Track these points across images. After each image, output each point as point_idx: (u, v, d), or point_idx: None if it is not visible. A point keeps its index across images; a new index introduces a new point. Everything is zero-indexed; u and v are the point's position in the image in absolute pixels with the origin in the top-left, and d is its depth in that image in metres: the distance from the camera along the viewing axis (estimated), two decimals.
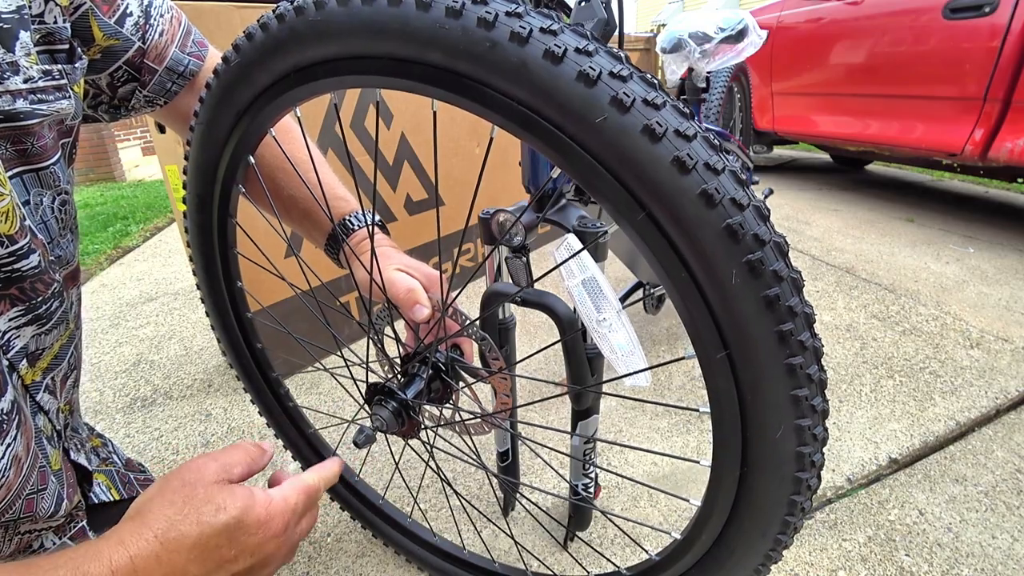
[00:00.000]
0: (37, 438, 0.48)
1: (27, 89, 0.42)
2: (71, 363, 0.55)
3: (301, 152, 0.62)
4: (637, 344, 0.47)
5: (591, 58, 0.32)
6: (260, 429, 1.25)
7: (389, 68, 0.37)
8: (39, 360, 0.49)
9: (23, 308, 0.45)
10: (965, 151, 2.20)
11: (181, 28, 0.60)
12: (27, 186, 0.45)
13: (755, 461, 0.38)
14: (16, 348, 0.45)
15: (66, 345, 0.53)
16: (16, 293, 0.44)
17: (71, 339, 0.54)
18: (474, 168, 1.82)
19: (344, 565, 0.90)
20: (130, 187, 4.39)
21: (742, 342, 0.33)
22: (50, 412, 0.51)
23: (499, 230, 0.67)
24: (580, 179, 0.34)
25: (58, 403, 0.53)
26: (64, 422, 0.55)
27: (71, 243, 0.53)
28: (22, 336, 0.46)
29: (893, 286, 1.85)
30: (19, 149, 0.43)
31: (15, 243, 0.42)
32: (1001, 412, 1.22)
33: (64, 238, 0.51)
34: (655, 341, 1.58)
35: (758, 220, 0.32)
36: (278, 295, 1.35)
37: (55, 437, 0.52)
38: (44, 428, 0.50)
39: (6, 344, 0.44)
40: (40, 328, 0.48)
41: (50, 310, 0.48)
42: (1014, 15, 1.97)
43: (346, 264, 0.62)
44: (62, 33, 0.46)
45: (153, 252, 2.66)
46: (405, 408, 0.55)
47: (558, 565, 0.88)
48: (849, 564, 0.87)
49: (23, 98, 0.41)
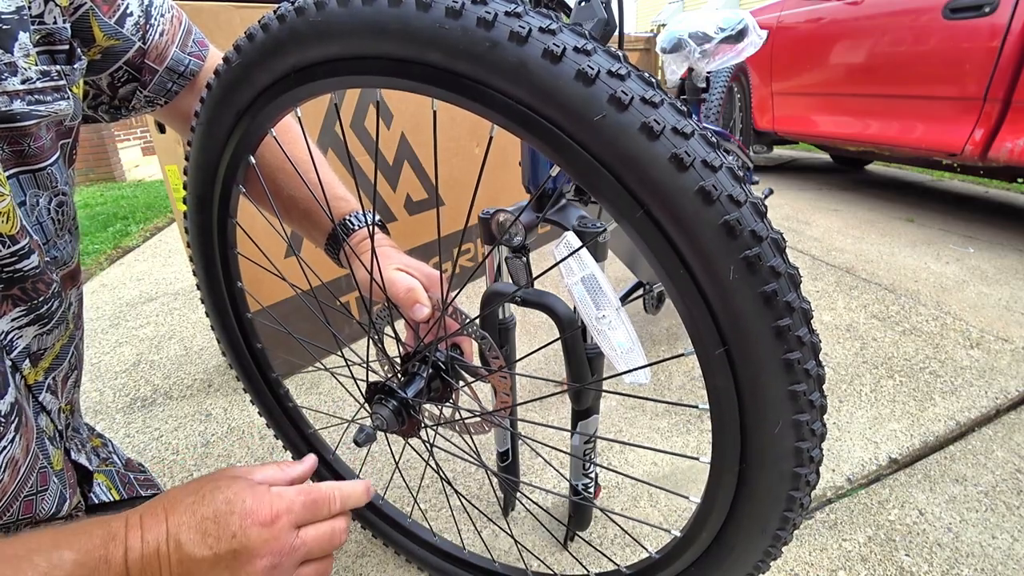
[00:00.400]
0: (39, 439, 0.48)
1: (25, 90, 0.42)
2: (72, 363, 0.55)
3: (301, 152, 0.62)
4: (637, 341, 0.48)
5: (589, 57, 0.32)
6: (260, 429, 1.25)
7: (389, 68, 0.37)
8: (41, 360, 0.49)
9: (25, 308, 0.45)
10: (965, 151, 2.20)
11: (182, 28, 0.60)
12: (23, 187, 0.45)
13: (754, 457, 0.38)
14: (19, 348, 0.46)
15: (67, 345, 0.53)
16: (18, 293, 0.44)
17: (71, 339, 0.54)
18: (474, 168, 1.82)
19: (344, 565, 0.90)
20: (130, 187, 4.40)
21: (740, 338, 0.33)
22: (52, 412, 0.52)
23: (499, 230, 0.67)
24: (579, 177, 0.34)
25: (60, 403, 0.53)
26: (65, 422, 0.55)
27: (69, 244, 0.52)
28: (24, 336, 0.46)
29: (893, 286, 1.85)
30: (16, 150, 0.43)
31: (16, 243, 0.42)
32: (1001, 412, 1.22)
33: (61, 239, 0.51)
34: (655, 341, 1.58)
35: (755, 216, 0.32)
36: (278, 295, 1.35)
37: (57, 437, 0.53)
38: (46, 428, 0.50)
39: (9, 344, 0.44)
40: (42, 328, 0.48)
41: (51, 310, 0.48)
42: (1014, 15, 1.97)
43: (346, 264, 0.62)
44: (62, 34, 0.46)
45: (153, 252, 2.66)
46: (405, 407, 0.55)
47: (558, 564, 0.88)
48: (849, 564, 0.87)
49: (20, 99, 0.41)
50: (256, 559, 0.39)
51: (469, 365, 0.59)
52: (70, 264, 0.53)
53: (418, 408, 0.56)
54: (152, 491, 0.66)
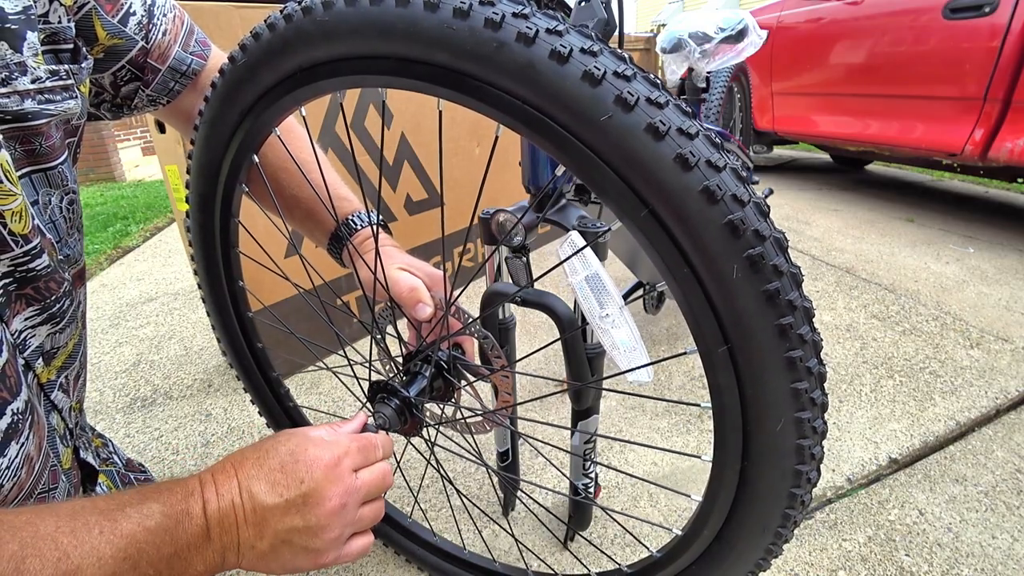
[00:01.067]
0: (50, 437, 0.48)
1: (35, 89, 0.42)
2: (82, 361, 0.56)
3: (304, 152, 0.62)
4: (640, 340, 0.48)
5: (596, 58, 0.32)
6: (260, 429, 1.25)
7: (396, 68, 0.37)
8: (54, 359, 0.49)
9: (38, 308, 0.45)
10: (965, 151, 2.21)
11: (184, 27, 0.60)
12: (36, 186, 0.45)
13: (756, 455, 0.38)
14: (32, 347, 0.46)
15: (78, 344, 0.53)
16: (31, 293, 0.44)
17: (81, 338, 0.54)
18: (474, 168, 1.82)
19: (344, 565, 0.90)
20: (130, 187, 4.39)
21: (743, 336, 0.34)
22: (63, 410, 0.52)
23: (499, 230, 0.67)
24: (584, 177, 0.34)
25: (70, 401, 0.54)
26: (75, 420, 0.56)
27: (78, 242, 0.53)
28: (37, 335, 0.46)
29: (893, 286, 1.86)
30: (27, 149, 0.43)
31: (29, 242, 0.42)
32: (1001, 412, 1.23)
33: (72, 237, 0.51)
34: (655, 341, 1.58)
35: (758, 216, 0.33)
36: (279, 294, 1.35)
37: (67, 435, 0.53)
38: (57, 426, 0.51)
39: (22, 343, 0.45)
40: (55, 327, 0.48)
41: (63, 309, 0.48)
42: (1014, 15, 1.98)
43: (349, 263, 0.62)
44: (66, 33, 0.46)
45: (153, 252, 2.66)
46: (408, 406, 0.55)
47: (559, 564, 0.88)
48: (849, 564, 0.87)
49: (31, 98, 0.42)
50: (325, 501, 0.42)
51: (471, 364, 0.60)
52: (79, 262, 0.54)
53: (420, 407, 0.56)
54: None
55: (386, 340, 0.62)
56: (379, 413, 0.54)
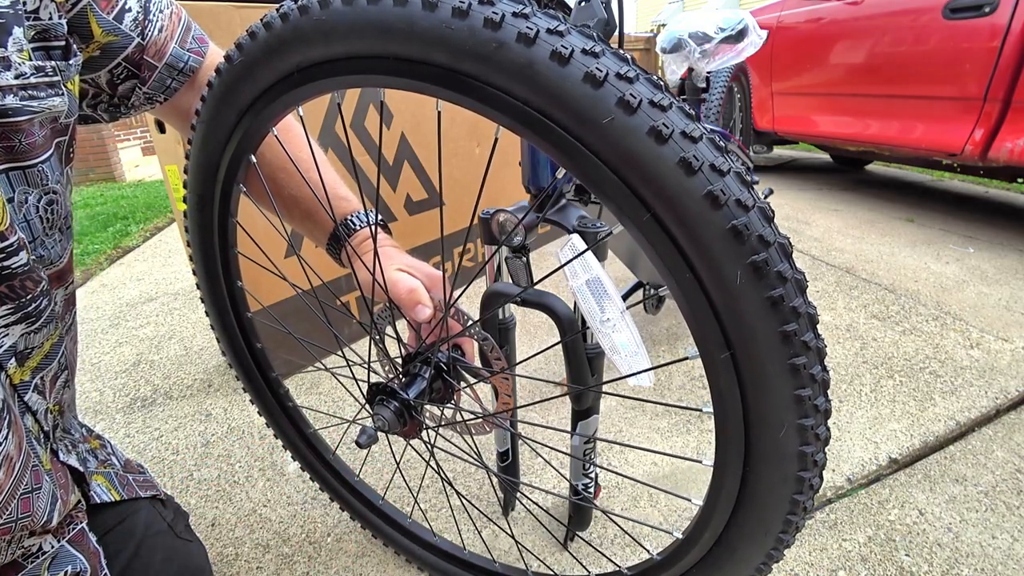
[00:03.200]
0: (27, 438, 0.48)
1: (18, 85, 0.41)
2: (62, 363, 0.55)
3: (303, 151, 0.62)
4: (641, 344, 0.47)
5: (598, 59, 0.32)
6: (260, 429, 1.25)
7: (394, 68, 0.37)
8: (28, 359, 0.48)
9: (12, 306, 0.45)
10: (965, 151, 2.20)
11: (181, 24, 0.59)
12: (12, 183, 0.44)
13: (758, 460, 0.38)
14: (4, 346, 0.45)
15: (57, 344, 0.52)
16: (6, 291, 0.44)
17: (61, 339, 0.53)
18: (474, 168, 1.82)
19: (344, 565, 0.90)
20: (130, 187, 4.39)
21: (746, 342, 0.33)
22: (38, 413, 0.51)
23: (499, 230, 0.67)
24: (585, 180, 0.34)
25: (47, 403, 0.53)
26: (53, 423, 0.55)
27: (58, 243, 0.51)
28: (11, 335, 0.45)
29: (893, 286, 1.86)
30: (6, 146, 0.43)
31: (5, 239, 0.42)
32: (1001, 412, 1.23)
33: (50, 238, 0.50)
34: (655, 341, 1.58)
35: (763, 221, 0.32)
36: (278, 295, 1.35)
37: (42, 438, 0.52)
38: (32, 429, 0.50)
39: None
40: (30, 327, 0.47)
41: (39, 308, 0.47)
42: (1014, 15, 1.97)
43: (348, 264, 0.62)
44: (58, 29, 0.46)
45: (153, 252, 2.66)
46: (407, 408, 0.54)
47: (558, 565, 0.88)
48: (849, 564, 0.87)
49: (13, 94, 0.41)
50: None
51: (470, 366, 0.59)
52: (58, 264, 0.52)
53: (419, 409, 0.56)
54: (150, 492, 0.66)
55: (385, 341, 0.62)
56: (378, 415, 0.54)
